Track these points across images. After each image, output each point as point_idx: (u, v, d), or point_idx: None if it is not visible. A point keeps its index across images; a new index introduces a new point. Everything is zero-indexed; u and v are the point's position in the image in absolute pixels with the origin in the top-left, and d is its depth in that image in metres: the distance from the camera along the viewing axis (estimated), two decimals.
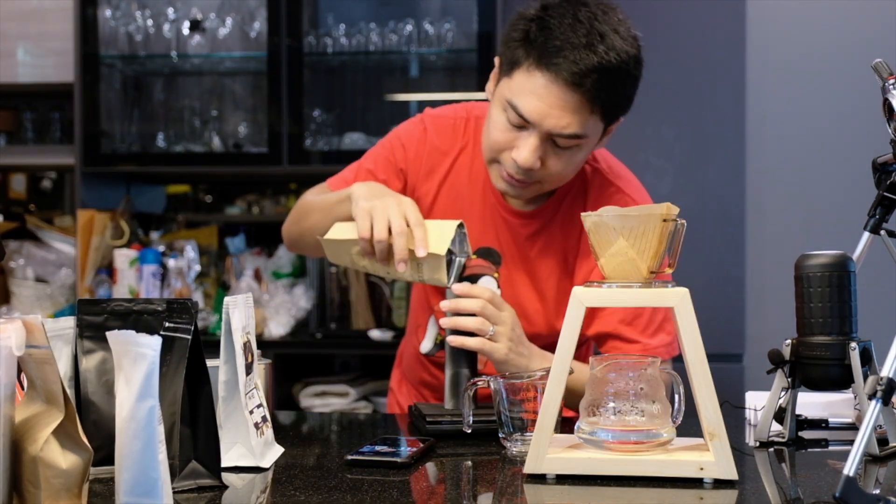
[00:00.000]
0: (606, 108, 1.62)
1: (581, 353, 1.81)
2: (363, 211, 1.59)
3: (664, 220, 1.26)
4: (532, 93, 1.59)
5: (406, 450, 1.36)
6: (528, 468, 1.25)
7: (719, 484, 1.21)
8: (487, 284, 1.62)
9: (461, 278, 1.68)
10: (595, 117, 1.62)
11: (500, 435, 1.42)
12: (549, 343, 1.73)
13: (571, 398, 1.41)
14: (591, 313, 1.71)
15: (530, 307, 1.78)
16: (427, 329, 1.84)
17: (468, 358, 1.59)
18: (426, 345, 1.81)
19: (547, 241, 1.77)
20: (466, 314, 1.56)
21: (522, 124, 1.62)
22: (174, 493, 1.10)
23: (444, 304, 1.58)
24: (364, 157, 1.87)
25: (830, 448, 1.47)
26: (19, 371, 0.99)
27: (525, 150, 1.61)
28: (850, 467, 1.04)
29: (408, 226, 1.57)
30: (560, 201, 1.78)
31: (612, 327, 1.70)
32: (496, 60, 1.71)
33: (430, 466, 1.35)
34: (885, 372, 1.11)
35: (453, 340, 1.56)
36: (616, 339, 1.70)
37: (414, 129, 1.84)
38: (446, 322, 1.59)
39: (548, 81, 1.58)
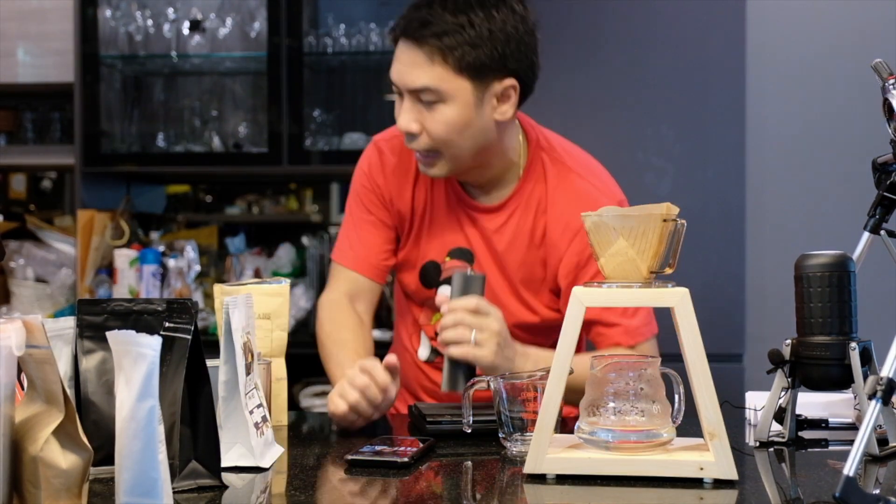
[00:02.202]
0: (451, 61, 1.68)
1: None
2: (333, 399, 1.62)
3: (664, 220, 1.26)
4: (395, 60, 1.74)
5: (406, 450, 1.36)
6: (528, 468, 1.25)
7: (719, 484, 1.21)
8: (448, 287, 1.68)
9: (440, 282, 1.75)
10: (444, 71, 1.69)
11: (500, 435, 1.42)
12: (533, 327, 1.79)
13: (572, 395, 1.41)
14: None
15: (505, 299, 1.82)
16: (422, 335, 1.85)
17: (459, 372, 1.63)
18: (423, 352, 1.82)
19: (514, 232, 1.82)
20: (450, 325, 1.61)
21: (398, 91, 1.75)
22: (174, 493, 1.10)
23: (440, 303, 1.67)
24: (348, 210, 1.95)
25: (830, 448, 1.47)
26: (19, 371, 0.99)
27: (401, 115, 1.74)
28: (850, 467, 1.04)
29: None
30: (521, 193, 1.83)
31: (595, 314, 1.75)
32: None
33: (430, 466, 1.35)
34: (885, 372, 1.11)
35: (441, 349, 1.63)
36: (599, 325, 1.76)
37: (371, 157, 1.94)
38: (438, 339, 1.64)
39: (400, 46, 1.73)
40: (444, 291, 1.75)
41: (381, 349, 3.12)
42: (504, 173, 1.83)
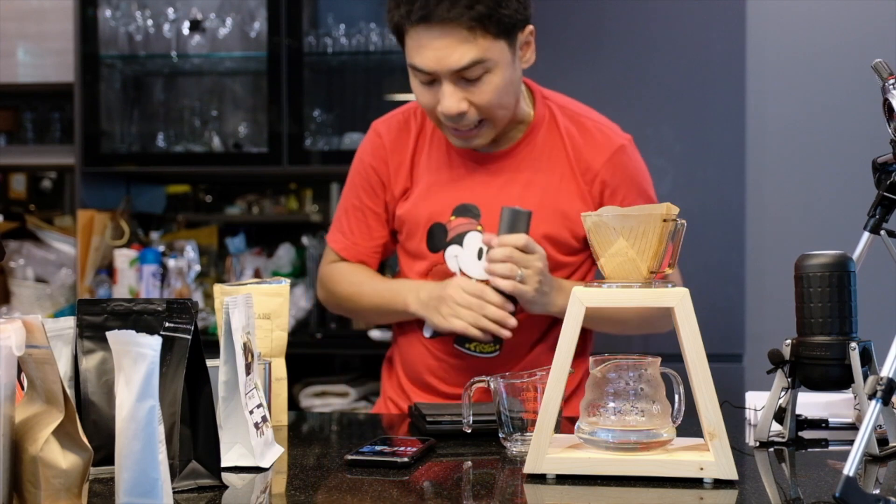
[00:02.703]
0: (490, 28, 1.69)
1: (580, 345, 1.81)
2: (447, 317, 1.76)
3: (664, 220, 1.26)
4: (420, 48, 1.72)
5: (406, 450, 1.36)
6: (528, 468, 1.25)
7: (719, 484, 1.21)
8: (474, 241, 1.79)
9: (447, 242, 1.82)
10: (485, 40, 1.70)
11: (500, 435, 1.42)
12: (559, 266, 1.85)
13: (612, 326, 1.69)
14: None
15: None
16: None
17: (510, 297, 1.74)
18: (428, 329, 1.83)
19: (528, 179, 1.84)
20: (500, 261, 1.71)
21: (430, 78, 1.73)
22: (174, 493, 1.10)
23: (489, 256, 1.74)
24: (344, 196, 1.98)
25: (830, 448, 1.47)
26: (19, 371, 0.99)
27: (445, 100, 1.73)
28: (850, 467, 1.04)
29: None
30: (531, 137, 1.85)
31: None
32: None
33: (430, 466, 1.35)
34: (885, 372, 1.11)
35: (492, 281, 1.72)
36: None
37: (368, 141, 1.96)
38: (486, 269, 1.74)
39: (427, 30, 1.70)
40: (452, 252, 1.82)
41: (381, 349, 3.13)
42: (514, 123, 1.85)
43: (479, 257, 1.80)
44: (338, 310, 2.07)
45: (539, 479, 1.25)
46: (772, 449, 1.44)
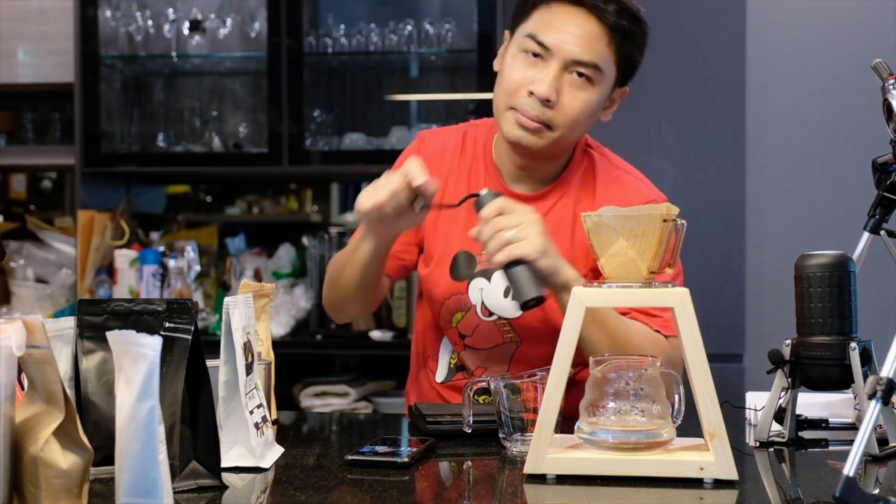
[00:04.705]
0: (622, 48, 1.67)
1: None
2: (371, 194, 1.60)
3: (664, 220, 1.26)
4: (551, 22, 1.65)
5: (406, 450, 1.36)
6: (528, 468, 1.25)
7: (719, 484, 1.21)
8: (502, 278, 1.65)
9: (473, 275, 1.73)
10: (612, 53, 1.67)
11: (500, 435, 1.42)
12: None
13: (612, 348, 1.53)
14: None
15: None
16: (439, 357, 1.83)
17: (522, 277, 1.52)
18: (441, 374, 1.81)
19: (557, 221, 1.76)
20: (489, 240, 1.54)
21: (541, 53, 1.66)
22: (174, 493, 1.10)
23: (472, 233, 1.58)
24: None
25: (830, 448, 1.47)
26: (19, 371, 0.99)
27: (544, 81, 1.65)
28: (850, 467, 1.04)
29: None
30: (565, 183, 1.79)
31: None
32: (506, 35, 1.76)
33: (430, 466, 1.35)
34: (885, 372, 1.11)
35: (493, 263, 1.55)
36: (637, 312, 1.68)
37: (411, 147, 1.89)
38: (483, 258, 1.62)
39: (568, 9, 1.65)
40: (477, 285, 1.75)
41: (381, 349, 3.14)
42: (556, 167, 1.80)
43: (506, 295, 1.74)
44: (335, 296, 1.88)
45: (539, 479, 1.25)
46: (772, 449, 1.44)
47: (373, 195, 1.58)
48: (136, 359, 0.98)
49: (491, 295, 1.76)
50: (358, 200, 1.61)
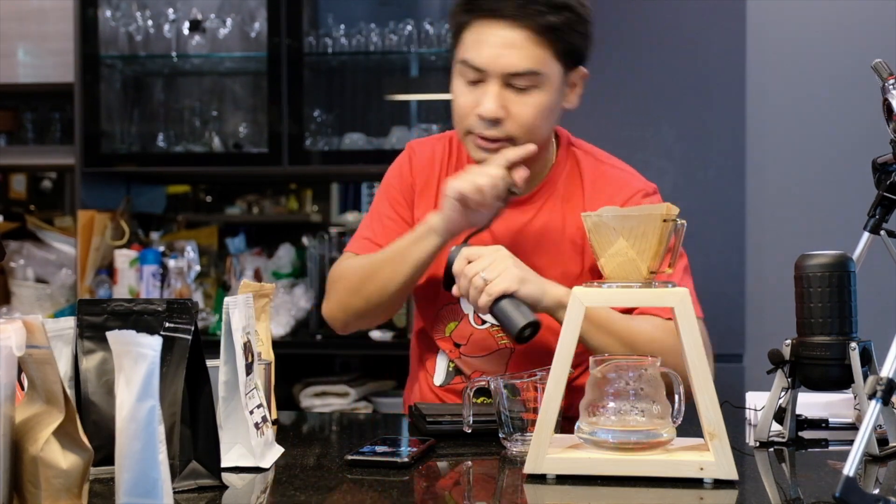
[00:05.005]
0: (555, 43, 1.63)
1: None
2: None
3: (664, 220, 1.26)
4: (478, 42, 1.64)
5: (406, 450, 1.36)
6: (528, 468, 1.25)
7: (719, 484, 1.21)
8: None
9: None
10: (546, 53, 1.63)
11: (500, 435, 1.42)
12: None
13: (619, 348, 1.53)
14: None
15: None
16: (437, 362, 1.83)
17: (508, 309, 1.55)
18: (439, 377, 1.80)
19: (545, 223, 1.76)
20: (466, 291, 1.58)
21: (479, 77, 1.65)
22: (174, 493, 1.10)
23: (456, 293, 1.62)
24: (372, 207, 1.88)
25: (830, 448, 1.47)
26: (19, 371, 0.99)
27: (486, 100, 1.64)
28: (850, 467, 1.04)
29: None
30: (551, 184, 1.78)
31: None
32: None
33: (430, 466, 1.35)
34: (885, 372, 1.11)
35: (478, 309, 1.58)
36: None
37: (402, 158, 1.89)
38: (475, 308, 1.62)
39: (491, 26, 1.63)
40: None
41: (381, 349, 3.14)
42: (539, 168, 1.78)
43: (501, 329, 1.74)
44: (359, 303, 1.81)
45: (539, 479, 1.25)
46: (772, 449, 1.44)
47: (472, 180, 1.61)
48: (136, 359, 0.98)
49: None
50: (450, 186, 1.63)
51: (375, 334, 3.15)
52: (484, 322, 1.77)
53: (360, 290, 1.79)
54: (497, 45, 1.62)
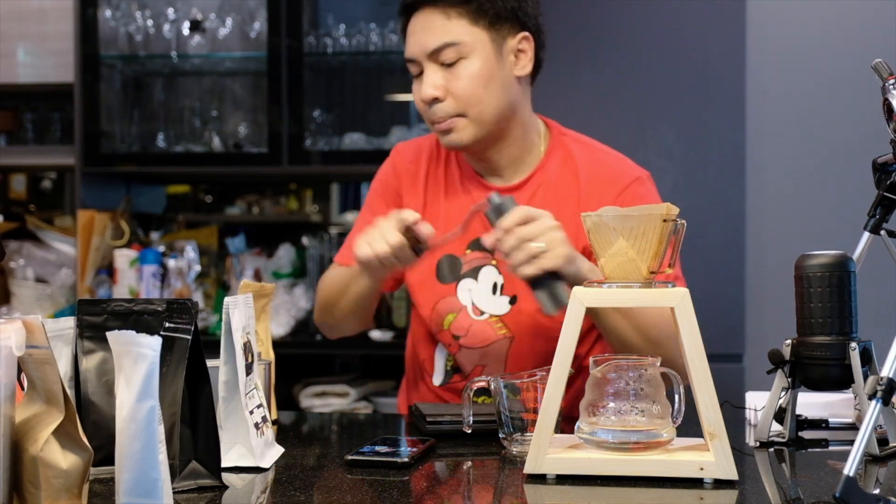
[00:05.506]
0: (474, 13, 1.71)
1: (585, 349, 1.80)
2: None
3: (664, 220, 1.26)
4: (408, 37, 1.76)
5: (406, 450, 1.36)
6: (528, 468, 1.25)
7: (719, 484, 1.21)
8: (489, 275, 1.73)
9: (460, 276, 1.73)
10: (463, 22, 1.71)
11: (500, 435, 1.42)
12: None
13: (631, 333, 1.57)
14: None
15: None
16: (435, 361, 1.83)
17: (555, 289, 1.53)
18: (437, 377, 1.81)
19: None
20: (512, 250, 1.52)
21: (419, 69, 1.75)
22: (174, 493, 1.10)
23: (488, 242, 1.57)
24: (359, 218, 1.93)
25: (830, 448, 1.47)
26: (19, 371, 0.99)
27: (423, 85, 1.73)
28: (850, 467, 1.04)
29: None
30: (543, 171, 1.80)
31: None
32: None
33: (430, 466, 1.35)
34: (885, 372, 1.11)
35: (519, 275, 1.52)
36: None
37: (386, 164, 1.93)
38: (508, 267, 1.55)
39: (414, 21, 1.75)
40: (466, 286, 1.76)
41: (381, 349, 3.14)
42: (524, 154, 1.81)
43: (494, 292, 1.76)
44: (329, 319, 1.91)
45: (539, 479, 1.25)
46: (772, 449, 1.44)
47: (370, 245, 1.61)
48: (136, 359, 0.98)
49: (480, 294, 1.78)
50: (357, 248, 1.63)
51: (375, 334, 3.15)
52: (482, 313, 1.77)
53: (329, 307, 1.88)
54: (418, 31, 1.74)
